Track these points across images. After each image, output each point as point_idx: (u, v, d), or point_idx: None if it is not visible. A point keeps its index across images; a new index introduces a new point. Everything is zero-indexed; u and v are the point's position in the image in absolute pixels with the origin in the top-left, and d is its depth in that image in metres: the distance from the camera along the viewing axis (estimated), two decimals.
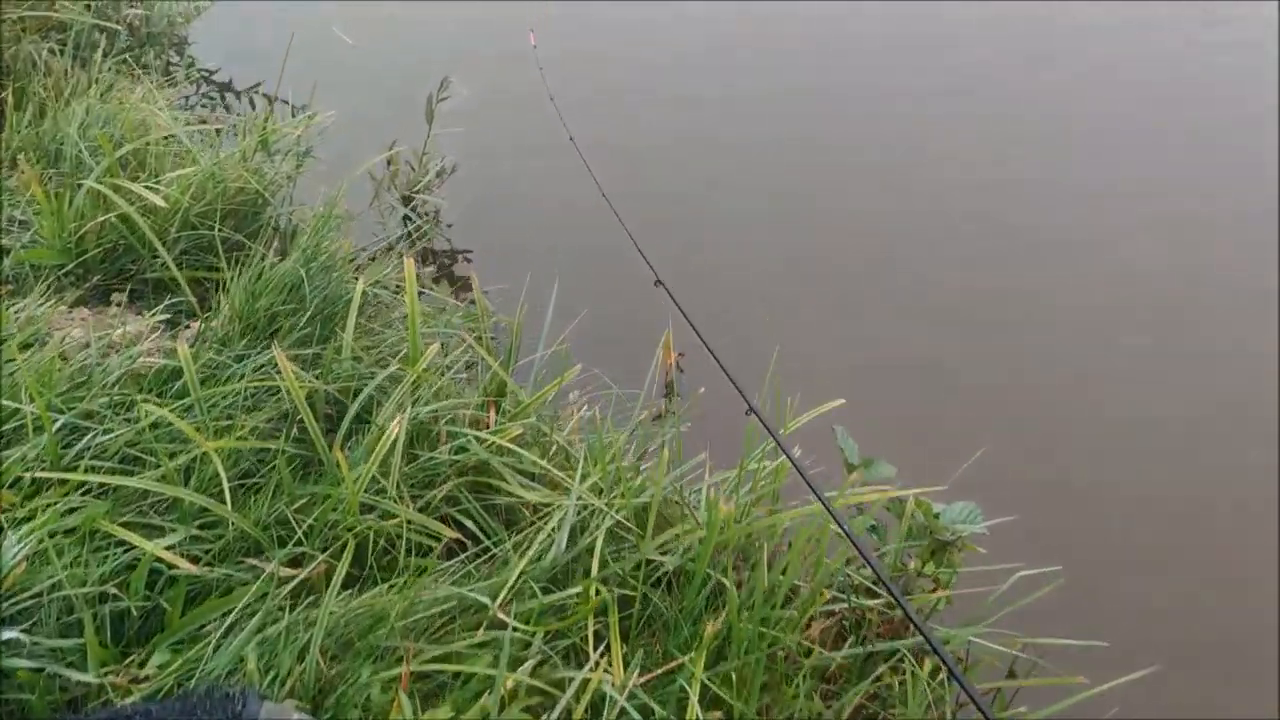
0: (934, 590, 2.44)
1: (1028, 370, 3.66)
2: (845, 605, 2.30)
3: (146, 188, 2.86)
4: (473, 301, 3.30)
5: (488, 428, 2.51)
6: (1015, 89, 5.39)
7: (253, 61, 5.56)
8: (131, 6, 4.69)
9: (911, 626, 2.31)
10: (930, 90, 5.27)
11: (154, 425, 2.18)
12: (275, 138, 3.20)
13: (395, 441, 2.13)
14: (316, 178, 3.51)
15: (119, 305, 2.91)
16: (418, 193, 3.81)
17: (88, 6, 4.44)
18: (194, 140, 3.30)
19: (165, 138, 3.18)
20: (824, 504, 1.93)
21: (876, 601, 2.32)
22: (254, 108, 5.32)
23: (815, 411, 2.66)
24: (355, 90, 5.39)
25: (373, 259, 3.55)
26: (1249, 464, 3.23)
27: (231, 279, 2.79)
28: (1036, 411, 3.48)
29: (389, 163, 3.87)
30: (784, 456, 2.38)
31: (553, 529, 2.08)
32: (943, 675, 2.21)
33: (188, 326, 2.83)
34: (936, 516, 2.52)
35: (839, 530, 2.25)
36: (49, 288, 2.79)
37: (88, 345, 2.47)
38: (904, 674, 2.12)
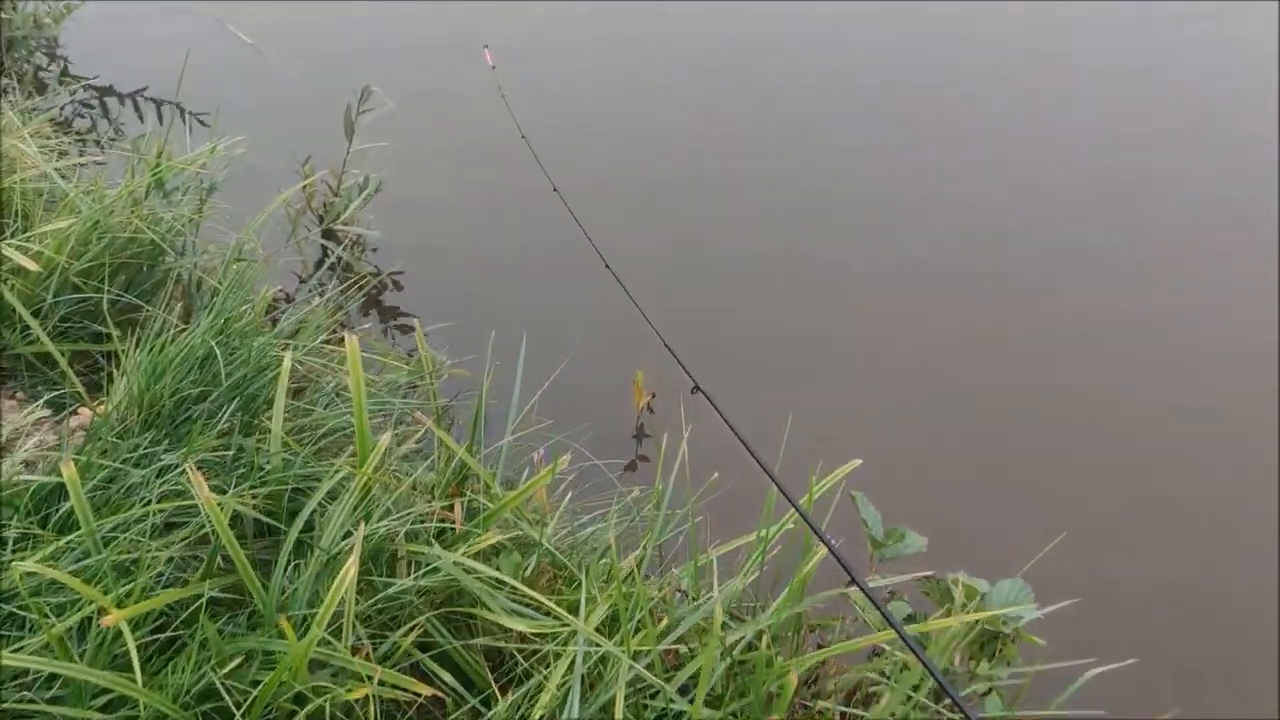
0: (987, 694, 2.11)
1: (1055, 439, 3.36)
2: None
3: (13, 246, 2.33)
4: (412, 350, 2.86)
5: (457, 527, 2.09)
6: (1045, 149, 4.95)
7: (135, 63, 4.96)
8: None
9: None
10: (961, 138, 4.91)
11: (30, 572, 1.70)
12: (171, 174, 2.68)
13: (348, 583, 1.69)
14: (224, 209, 3.00)
15: None
16: (341, 224, 3.32)
17: None
18: (72, 177, 2.75)
19: (36, 179, 2.62)
20: (899, 631, 1.55)
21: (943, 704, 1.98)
22: (141, 118, 4.72)
23: (832, 478, 2.31)
24: (257, 97, 4.84)
25: (290, 299, 3.07)
26: None
27: (125, 353, 2.30)
28: (1079, 490, 3.18)
29: (305, 189, 3.37)
30: (813, 551, 2.03)
31: (560, 683, 1.67)
32: None
33: (75, 411, 2.33)
34: (982, 598, 2.19)
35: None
36: None
37: None
38: None
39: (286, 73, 4.87)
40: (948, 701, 1.94)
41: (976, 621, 2.13)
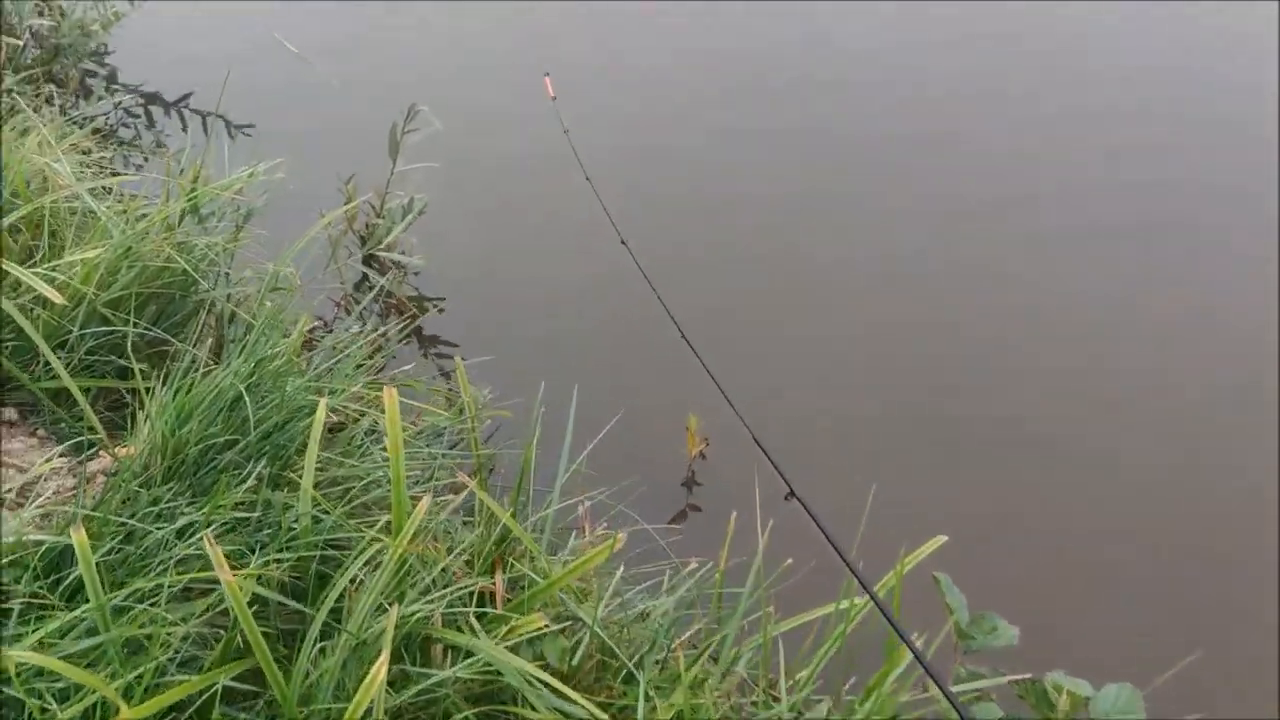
0: None
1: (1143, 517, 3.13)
2: None
3: (38, 275, 2.18)
4: (453, 385, 2.69)
5: (496, 605, 1.91)
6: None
7: (184, 72, 4.86)
8: (39, 17, 3.96)
9: None
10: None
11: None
12: (207, 199, 2.53)
13: (378, 681, 1.51)
14: (259, 235, 2.85)
15: (9, 424, 2.26)
16: (382, 251, 3.16)
17: None
18: (106, 198, 2.62)
19: (69, 198, 2.49)
20: (943, 690, 1.34)
21: None
22: (185, 128, 4.62)
23: (914, 556, 2.11)
24: (303, 111, 4.73)
25: (330, 328, 2.91)
26: None
27: (151, 391, 2.15)
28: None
29: (347, 214, 3.22)
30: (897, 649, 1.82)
31: None
32: None
33: (97, 454, 2.18)
34: (1086, 702, 1.97)
35: None
36: None
37: None
38: None
39: (334, 86, 4.74)
40: None
41: None
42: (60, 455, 2.16)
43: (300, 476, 1.97)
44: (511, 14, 5.50)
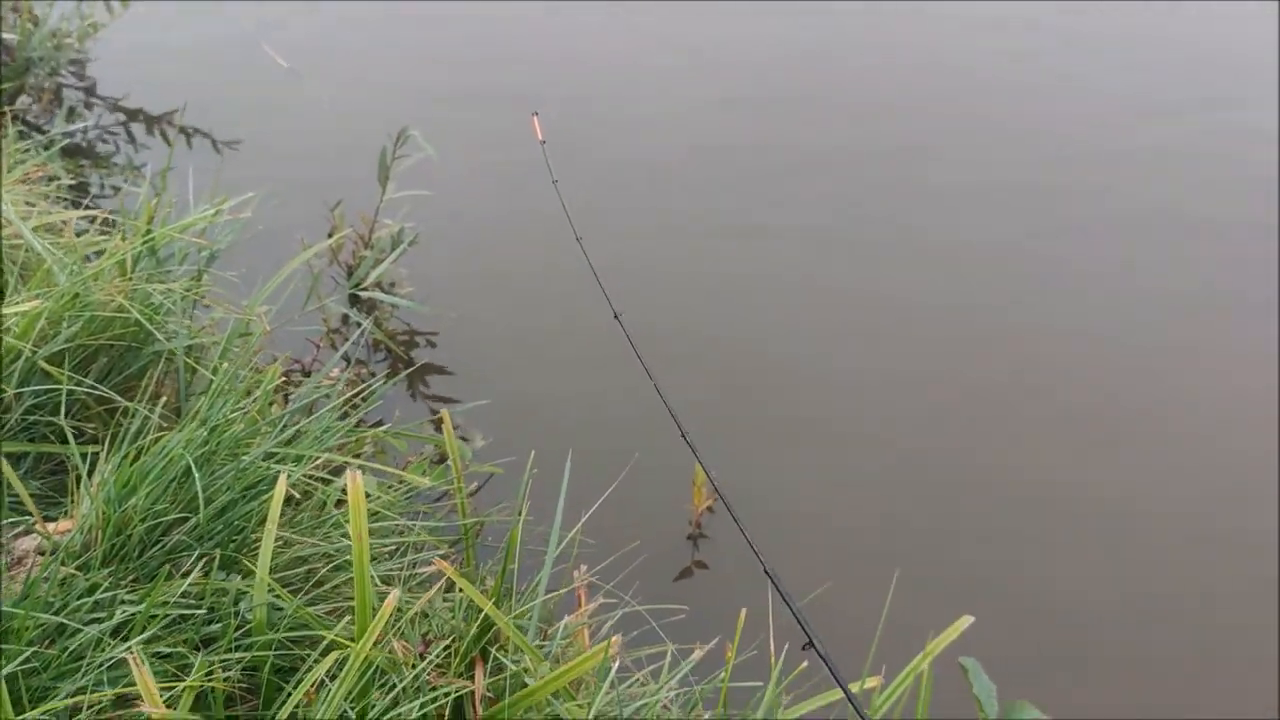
0: None
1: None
2: None
3: None
4: (437, 417, 2.45)
5: (474, 708, 1.68)
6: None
7: (168, 81, 4.65)
8: (6, 28, 3.74)
9: None
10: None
11: None
12: (164, 241, 2.30)
13: None
14: (228, 276, 2.62)
15: None
16: (367, 290, 2.94)
17: None
18: (59, 234, 2.39)
19: (11, 244, 2.26)
20: None
21: None
22: (169, 143, 4.41)
23: (944, 638, 1.90)
24: (288, 124, 4.51)
25: (302, 375, 2.68)
26: None
27: (93, 459, 1.92)
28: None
29: (331, 248, 3.00)
30: None
31: None
32: None
33: (28, 531, 1.95)
34: None
35: None
36: None
37: None
38: None
39: (321, 102, 4.53)
40: None
41: None
42: None
43: (255, 562, 1.74)
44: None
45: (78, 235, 2.44)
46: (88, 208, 2.65)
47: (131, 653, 1.42)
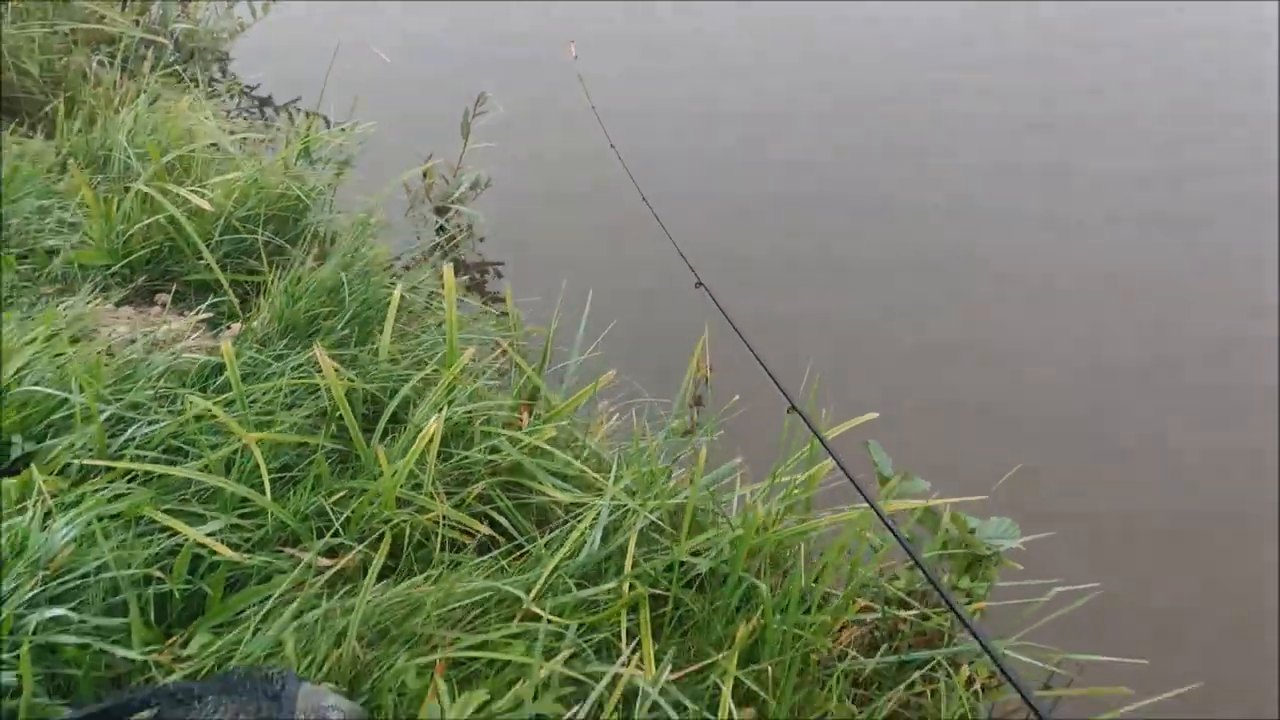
0: (967, 604, 2.43)
1: (1055, 390, 3.68)
2: (878, 616, 2.29)
3: (192, 191, 2.92)
4: (504, 313, 3.34)
5: (521, 428, 2.54)
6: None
7: (292, 78, 5.68)
8: (179, 21, 4.80)
9: (944, 638, 2.31)
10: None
11: (197, 418, 2.22)
12: (317, 146, 3.27)
13: (432, 439, 2.16)
14: (355, 188, 3.57)
15: (163, 306, 2.97)
16: (452, 203, 3.86)
17: (136, 21, 4.56)
18: (237, 148, 3.37)
19: (210, 145, 3.25)
20: (871, 503, 1.92)
21: (910, 612, 2.32)
22: (293, 122, 5.43)
23: (850, 423, 2.67)
24: (393, 106, 5.49)
25: (408, 268, 3.61)
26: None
27: (272, 281, 2.85)
28: (1068, 432, 3.49)
29: (425, 175, 3.94)
30: (821, 462, 2.40)
31: (586, 528, 2.09)
32: (976, 687, 2.21)
33: (228, 327, 2.88)
34: (972, 531, 2.52)
35: (877, 537, 2.27)
36: (96, 287, 2.85)
37: (133, 341, 2.52)
38: (938, 684, 2.11)
39: (414, 85, 5.51)
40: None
41: (964, 544, 2.47)
42: (199, 329, 2.88)
43: (381, 337, 2.64)
44: None
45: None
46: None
47: (318, 346, 2.32)
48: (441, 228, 3.97)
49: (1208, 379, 3.75)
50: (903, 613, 2.30)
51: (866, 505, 2.15)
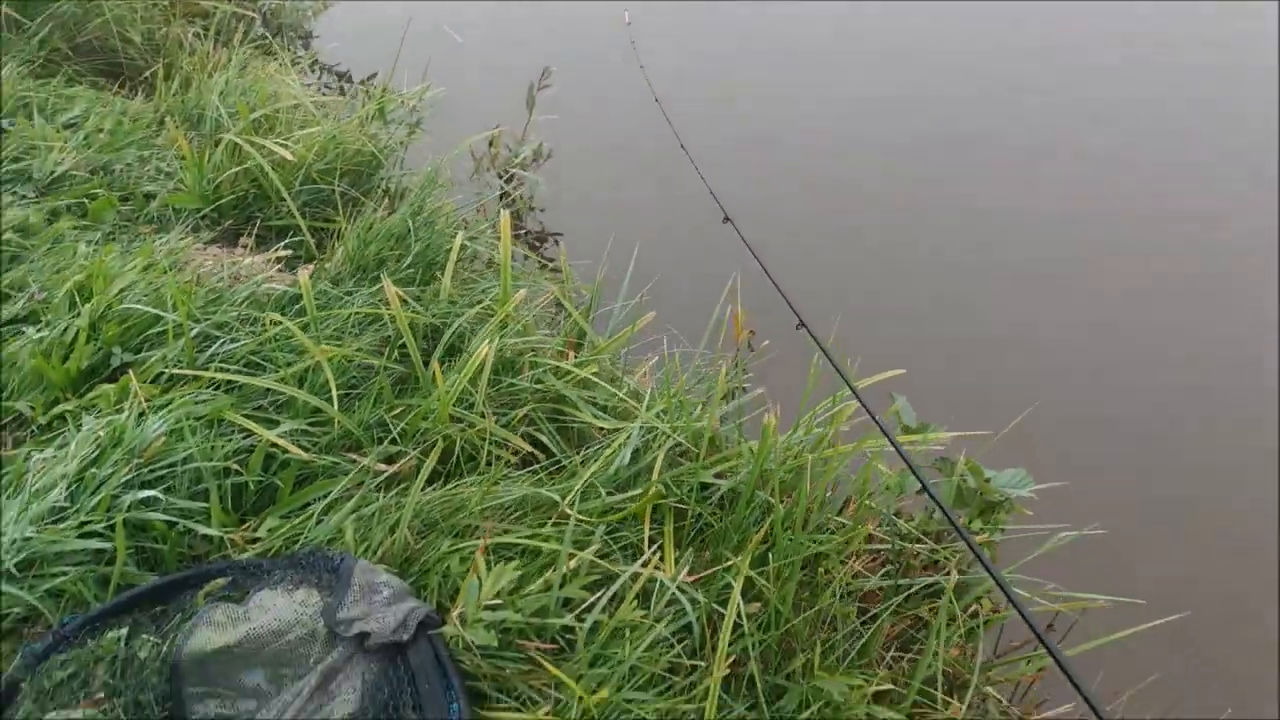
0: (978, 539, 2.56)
1: (1073, 347, 3.81)
2: (889, 548, 2.44)
3: (277, 143, 3.19)
4: (558, 268, 3.55)
5: (569, 354, 2.75)
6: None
7: (369, 56, 5.98)
8: None
9: (949, 571, 2.45)
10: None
11: (275, 338, 2.47)
12: (391, 106, 3.52)
13: (484, 364, 2.37)
14: (424, 149, 3.82)
15: (245, 247, 3.24)
16: (515, 168, 4.09)
17: None
18: (317, 109, 3.64)
19: (293, 106, 3.52)
20: (887, 434, 2.08)
21: (920, 546, 2.46)
22: (369, 96, 5.72)
23: (877, 378, 2.82)
24: (464, 81, 5.75)
25: (468, 222, 3.84)
26: None
27: (345, 227, 3.10)
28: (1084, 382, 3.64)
29: (490, 143, 4.16)
30: (844, 403, 2.56)
31: (619, 444, 2.29)
32: (980, 620, 2.35)
33: (305, 266, 3.14)
34: (987, 480, 2.65)
35: (895, 475, 2.43)
36: (188, 228, 3.13)
37: (219, 273, 2.79)
38: (938, 604, 2.26)
39: (481, 64, 5.75)
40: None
41: (978, 492, 2.60)
42: (278, 264, 3.14)
43: (443, 278, 2.87)
44: None
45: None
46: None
47: (384, 277, 2.55)
48: (505, 193, 4.19)
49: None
50: (913, 545, 2.44)
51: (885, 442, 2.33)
